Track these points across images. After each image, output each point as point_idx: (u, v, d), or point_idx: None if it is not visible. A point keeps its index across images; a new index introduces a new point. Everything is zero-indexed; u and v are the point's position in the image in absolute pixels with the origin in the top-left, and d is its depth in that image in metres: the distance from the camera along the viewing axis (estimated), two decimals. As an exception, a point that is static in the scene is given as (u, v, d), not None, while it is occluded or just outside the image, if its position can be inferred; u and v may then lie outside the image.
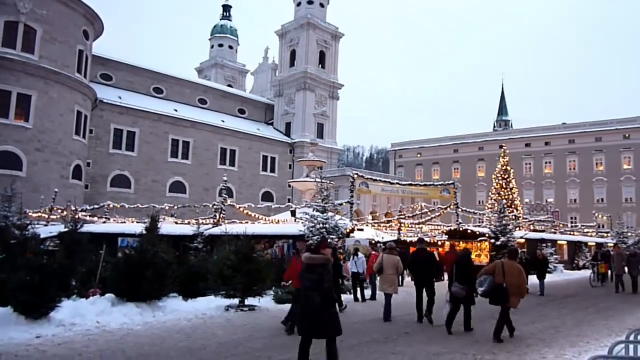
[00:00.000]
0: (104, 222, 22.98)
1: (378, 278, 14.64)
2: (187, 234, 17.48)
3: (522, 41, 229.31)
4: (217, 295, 11.88)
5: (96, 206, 25.97)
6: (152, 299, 10.65)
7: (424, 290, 10.09)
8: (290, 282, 9.33)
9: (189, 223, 21.48)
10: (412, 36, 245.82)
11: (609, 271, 20.69)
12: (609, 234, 38.59)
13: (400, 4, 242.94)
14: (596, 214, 47.08)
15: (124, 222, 23.65)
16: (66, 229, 14.17)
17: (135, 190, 46.19)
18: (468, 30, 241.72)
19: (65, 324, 8.58)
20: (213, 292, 11.93)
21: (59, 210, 23.79)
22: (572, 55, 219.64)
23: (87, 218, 21.87)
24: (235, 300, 11.64)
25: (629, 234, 36.68)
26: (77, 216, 16.97)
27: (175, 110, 51.56)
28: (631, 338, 5.08)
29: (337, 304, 7.28)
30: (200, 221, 19.51)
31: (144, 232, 12.57)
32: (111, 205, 25.04)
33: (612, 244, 30.82)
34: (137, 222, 19.83)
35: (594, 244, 32.52)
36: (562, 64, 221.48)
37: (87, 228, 15.26)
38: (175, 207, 27.05)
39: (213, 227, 19.25)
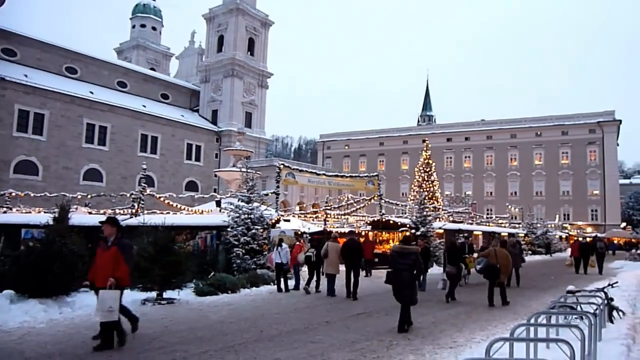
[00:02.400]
0: (5, 212, 20.96)
1: (302, 268, 14.78)
2: (102, 224, 16.39)
3: (447, 39, 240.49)
4: (133, 289, 11.24)
5: (-5, 194, 23.61)
6: (59, 294, 9.89)
7: (352, 271, 12.26)
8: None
9: (104, 213, 20.17)
10: (341, 29, 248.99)
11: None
12: (520, 225, 41.67)
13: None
14: (509, 206, 50.80)
15: (29, 212, 21.71)
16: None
17: (43, 177, 42.75)
18: (396, 26, 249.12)
19: (-49, 325, 7.69)
20: (129, 286, 11.29)
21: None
22: (494, 56, 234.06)
23: (-15, 207, 19.83)
24: (153, 294, 11.14)
25: (538, 225, 39.83)
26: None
27: (91, 93, 48.26)
28: (532, 321, 5.44)
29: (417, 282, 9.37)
30: (117, 211, 18.42)
31: (52, 222, 11.61)
32: (14, 194, 22.89)
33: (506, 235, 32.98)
34: (44, 212, 18.32)
35: (506, 234, 34.92)
36: (484, 63, 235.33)
37: (-17, 218, 13.80)
38: (90, 197, 25.35)
39: (131, 217, 18.22)
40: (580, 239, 29.63)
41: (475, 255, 14.95)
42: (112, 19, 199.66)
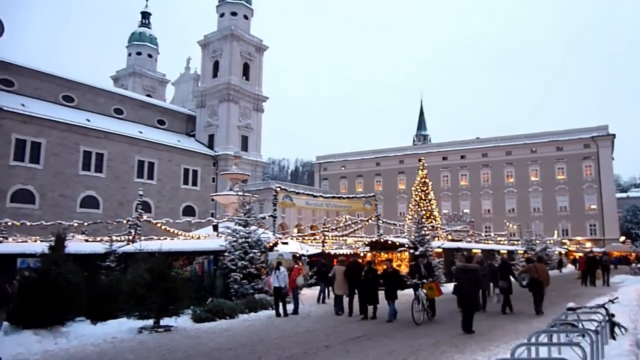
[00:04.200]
0: (0, 242, 20.80)
1: (301, 292, 14.65)
2: (99, 252, 16.25)
3: (440, 58, 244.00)
4: (130, 317, 11.11)
5: (-9, 224, 23.46)
6: (54, 324, 9.77)
7: (356, 291, 12.98)
8: None
9: (101, 240, 20.04)
10: (334, 50, 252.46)
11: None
12: (519, 242, 41.52)
13: (324, 21, 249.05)
14: (507, 223, 50.63)
15: (25, 242, 21.56)
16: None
17: (40, 205, 42.57)
18: (389, 46, 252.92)
19: (-57, 359, 7.53)
20: (125, 314, 11.15)
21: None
22: (486, 73, 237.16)
23: (-20, 237, 19.68)
24: (150, 322, 10.99)
25: (537, 241, 39.72)
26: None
27: (88, 120, 48.50)
28: (532, 340, 5.38)
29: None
30: (114, 238, 18.29)
31: (48, 251, 11.52)
32: (10, 223, 22.76)
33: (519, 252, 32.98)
34: (40, 241, 18.16)
35: (505, 251, 34.75)
36: (477, 81, 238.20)
37: (-22, 249, 13.69)
38: (86, 224, 25.22)
39: (127, 244, 18.10)
40: (585, 254, 29.94)
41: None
42: (108, 47, 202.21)
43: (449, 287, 13.93)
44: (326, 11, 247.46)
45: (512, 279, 13.89)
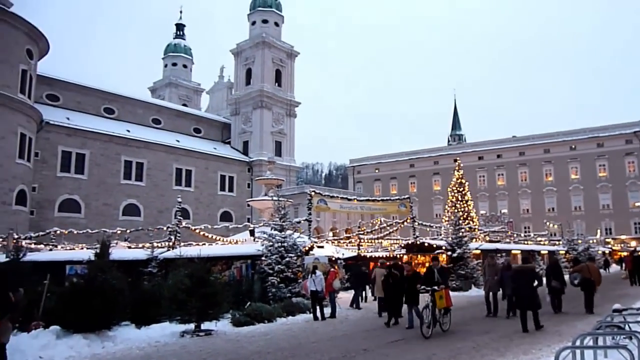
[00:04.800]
0: (51, 250, 21.82)
1: (337, 295, 14.69)
2: (141, 258, 16.85)
3: (473, 56, 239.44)
4: (172, 322, 11.43)
5: (42, 233, 24.62)
6: (101, 328, 10.16)
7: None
8: None
9: (143, 247, 20.73)
10: (365, 54, 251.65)
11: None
12: (560, 242, 40.18)
13: (354, 23, 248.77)
14: (547, 223, 49.07)
15: (73, 249, 22.54)
16: (7, 259, 13.33)
17: (85, 214, 44.35)
18: (420, 47, 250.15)
19: (3, 362, 7.98)
20: (168, 318, 11.48)
21: (0, 239, 22.40)
22: (522, 69, 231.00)
23: (32, 246, 20.71)
24: (191, 326, 11.27)
25: (579, 241, 38.36)
26: (20, 244, 16.02)
27: (128, 131, 50.22)
28: (577, 343, 5.24)
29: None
30: (155, 245, 18.88)
31: (94, 258, 12.03)
32: (58, 232, 23.84)
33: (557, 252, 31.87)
34: (87, 249, 18.97)
35: (546, 252, 33.73)
36: (512, 78, 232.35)
37: (31, 257, 14.42)
38: (128, 231, 26.09)
39: (167, 250, 18.65)
40: (631, 252, 28.77)
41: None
42: (146, 59, 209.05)
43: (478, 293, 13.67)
44: (355, 14, 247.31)
45: (564, 279, 13.92)
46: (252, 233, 22.34)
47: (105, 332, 10.16)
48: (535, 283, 10.59)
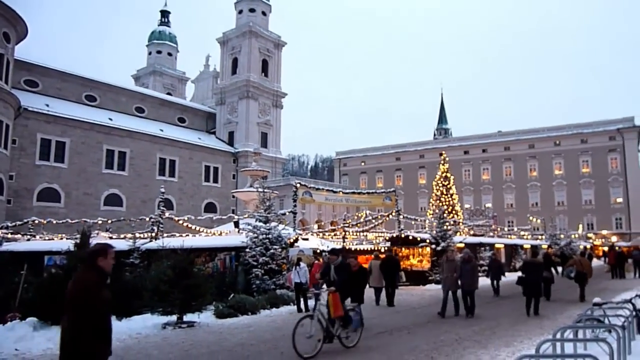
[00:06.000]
0: (28, 240, 21.35)
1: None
2: (123, 249, 16.55)
3: (460, 52, 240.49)
4: (154, 313, 11.27)
5: (19, 222, 24.02)
6: (80, 320, 9.93)
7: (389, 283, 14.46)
8: None
9: (124, 238, 20.43)
10: (354, 46, 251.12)
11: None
12: (543, 236, 40.79)
13: (343, 15, 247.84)
14: (531, 218, 49.77)
15: (52, 239, 22.10)
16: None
17: (65, 204, 43.55)
18: (409, 40, 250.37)
19: (-24, 354, 7.80)
20: (150, 310, 11.32)
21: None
22: (508, 65, 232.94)
23: (9, 236, 20.24)
24: (174, 318, 11.13)
25: (561, 235, 38.98)
26: (-4, 234, 15.64)
27: (110, 119, 49.33)
28: (558, 336, 5.28)
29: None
30: (137, 235, 18.61)
31: (73, 248, 11.78)
32: (37, 221, 23.29)
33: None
34: (66, 239, 18.60)
35: (529, 246, 34.19)
36: (499, 73, 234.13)
37: (7, 247, 14.09)
38: (110, 221, 25.66)
39: (150, 241, 18.40)
40: (610, 247, 29.71)
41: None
42: (129, 46, 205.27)
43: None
44: (344, 5, 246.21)
45: (553, 270, 16.09)
46: (236, 224, 22.15)
47: (84, 323, 9.95)
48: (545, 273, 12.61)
